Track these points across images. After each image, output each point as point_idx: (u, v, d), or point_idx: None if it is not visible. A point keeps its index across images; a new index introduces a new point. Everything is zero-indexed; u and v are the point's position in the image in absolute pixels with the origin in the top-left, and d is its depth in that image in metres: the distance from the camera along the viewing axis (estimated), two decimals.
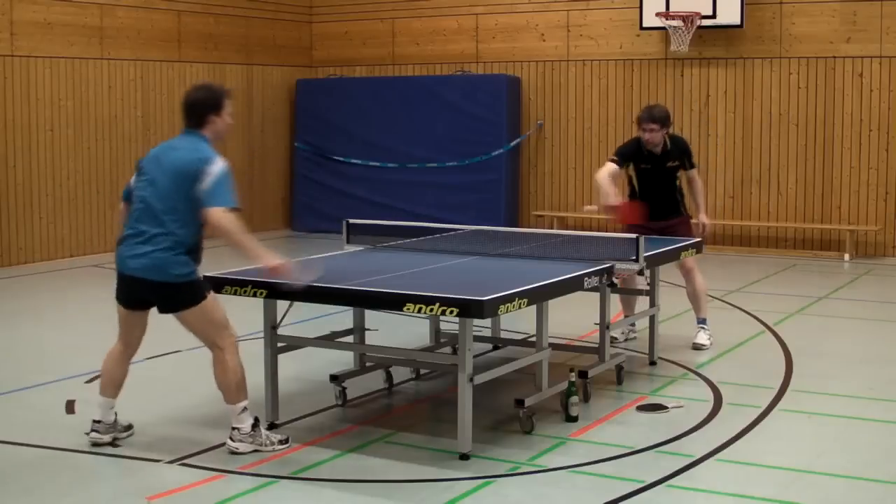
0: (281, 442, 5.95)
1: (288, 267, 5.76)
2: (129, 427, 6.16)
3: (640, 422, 6.52)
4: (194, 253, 5.78)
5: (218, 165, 5.67)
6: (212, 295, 5.86)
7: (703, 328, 8.45)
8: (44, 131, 13.09)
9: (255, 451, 5.86)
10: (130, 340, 6.01)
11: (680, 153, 8.44)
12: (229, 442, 5.87)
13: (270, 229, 16.20)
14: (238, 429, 5.86)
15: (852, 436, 6.36)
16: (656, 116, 8.23)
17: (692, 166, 8.53)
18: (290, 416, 6.52)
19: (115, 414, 6.06)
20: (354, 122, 15.86)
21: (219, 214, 5.58)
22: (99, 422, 6.01)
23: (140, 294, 5.80)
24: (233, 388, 5.83)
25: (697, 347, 8.32)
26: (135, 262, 5.71)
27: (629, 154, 8.36)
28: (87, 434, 6.01)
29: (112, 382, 6.00)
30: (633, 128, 14.70)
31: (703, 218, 8.60)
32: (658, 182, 8.37)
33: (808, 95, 13.67)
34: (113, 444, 5.98)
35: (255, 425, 5.92)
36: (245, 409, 5.86)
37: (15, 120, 12.76)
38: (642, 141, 8.28)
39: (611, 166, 8.25)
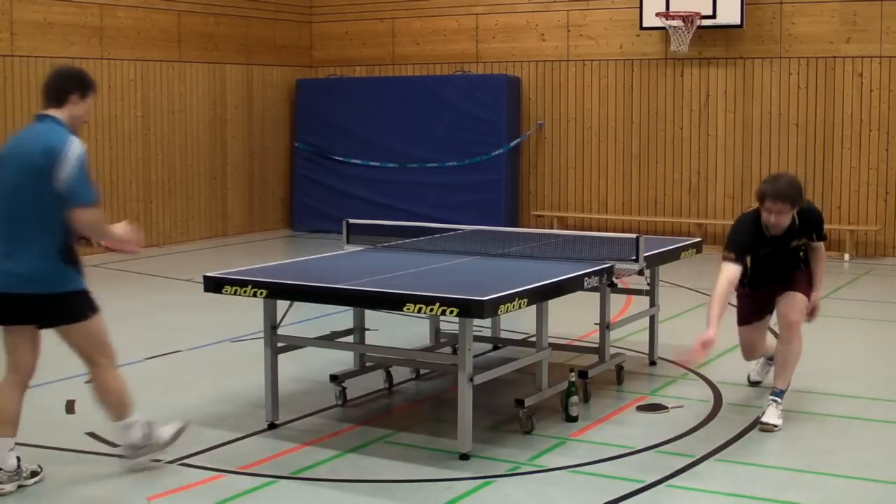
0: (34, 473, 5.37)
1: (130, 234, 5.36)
2: (36, 473, 5.40)
3: (640, 422, 6.52)
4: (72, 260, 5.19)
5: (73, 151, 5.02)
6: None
7: (776, 401, 6.42)
8: None
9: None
10: (17, 363, 5.27)
11: (809, 229, 6.58)
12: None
13: (270, 229, 16.22)
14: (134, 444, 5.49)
15: (852, 436, 6.35)
16: (785, 193, 6.24)
17: (821, 238, 6.71)
18: (290, 416, 6.52)
19: (18, 459, 5.32)
20: (354, 122, 15.86)
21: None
22: None
23: (15, 308, 5.14)
24: (113, 405, 5.42)
25: (766, 429, 6.29)
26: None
27: (749, 243, 6.43)
28: None
29: (5, 419, 5.23)
30: (633, 127, 14.87)
31: (815, 298, 6.74)
32: (780, 264, 6.65)
33: (808, 95, 13.67)
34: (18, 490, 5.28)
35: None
36: (132, 424, 5.47)
37: (15, 120, 12.74)
38: (762, 222, 6.42)
39: (732, 271, 6.27)
